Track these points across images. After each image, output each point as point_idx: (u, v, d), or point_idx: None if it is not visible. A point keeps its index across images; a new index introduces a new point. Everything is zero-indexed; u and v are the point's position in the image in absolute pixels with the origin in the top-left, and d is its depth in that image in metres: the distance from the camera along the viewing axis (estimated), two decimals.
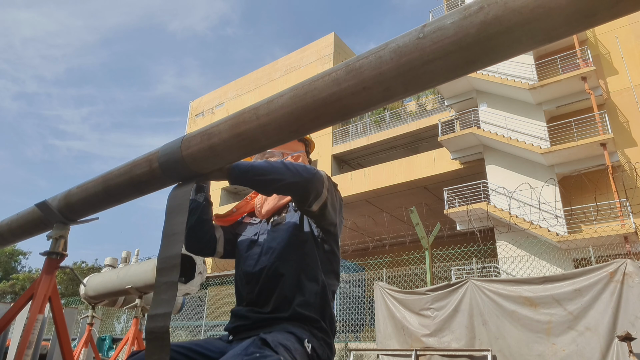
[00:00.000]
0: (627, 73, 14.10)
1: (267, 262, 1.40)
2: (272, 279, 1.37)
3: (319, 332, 1.35)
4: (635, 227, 11.40)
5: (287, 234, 1.45)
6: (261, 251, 1.45)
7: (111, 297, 4.74)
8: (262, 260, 1.42)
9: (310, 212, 1.41)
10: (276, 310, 1.33)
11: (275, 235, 1.46)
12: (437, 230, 7.22)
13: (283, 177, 1.29)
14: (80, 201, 1.50)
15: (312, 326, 1.34)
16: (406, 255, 10.77)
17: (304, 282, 1.37)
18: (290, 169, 1.31)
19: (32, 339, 1.60)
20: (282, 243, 1.43)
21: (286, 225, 1.48)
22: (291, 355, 1.12)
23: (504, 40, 0.74)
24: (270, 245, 1.44)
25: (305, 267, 1.40)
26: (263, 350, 1.08)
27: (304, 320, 1.33)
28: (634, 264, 4.57)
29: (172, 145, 1.22)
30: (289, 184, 1.30)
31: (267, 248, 1.44)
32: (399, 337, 5.84)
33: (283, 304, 1.34)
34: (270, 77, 24.75)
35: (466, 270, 12.00)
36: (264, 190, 1.36)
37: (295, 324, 1.30)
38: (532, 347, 4.81)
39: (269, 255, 1.41)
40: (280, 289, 1.35)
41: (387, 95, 0.89)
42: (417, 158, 17.56)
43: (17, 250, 33.31)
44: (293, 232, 1.45)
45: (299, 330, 1.28)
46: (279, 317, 1.32)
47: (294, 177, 1.30)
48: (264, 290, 1.37)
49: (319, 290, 1.38)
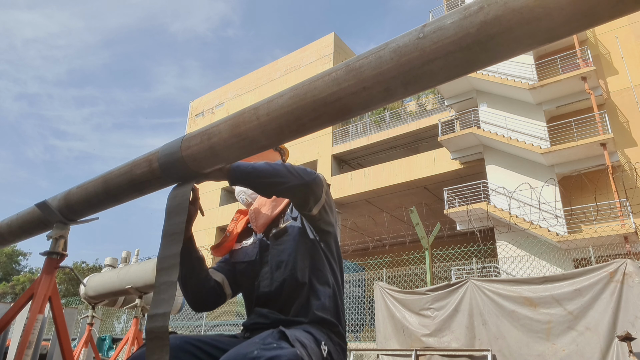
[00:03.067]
0: (627, 73, 14.10)
1: (284, 276, 1.37)
2: (294, 291, 1.36)
3: (336, 336, 1.35)
4: (635, 227, 11.40)
5: (294, 243, 1.42)
6: (271, 268, 1.41)
7: (111, 297, 4.74)
8: (277, 277, 1.38)
9: (310, 216, 1.40)
10: (296, 316, 1.34)
11: (282, 247, 1.43)
12: (437, 230, 7.23)
13: (286, 180, 1.28)
14: (80, 201, 1.50)
15: (329, 330, 1.35)
16: (406, 255, 10.77)
17: (317, 287, 1.38)
18: (292, 171, 1.31)
19: (32, 339, 1.60)
20: (292, 253, 1.40)
21: (290, 235, 1.44)
22: (307, 352, 1.12)
23: (504, 40, 0.74)
24: (280, 259, 1.41)
25: (317, 272, 1.40)
26: (280, 342, 1.07)
27: (322, 323, 1.34)
28: (634, 264, 4.57)
29: (172, 145, 1.22)
30: (291, 187, 1.29)
31: (278, 262, 1.40)
32: (399, 337, 5.84)
33: (303, 310, 1.34)
34: (270, 77, 24.75)
35: (466, 270, 12.00)
36: (264, 192, 1.35)
37: (314, 326, 1.31)
38: (532, 347, 4.81)
39: (282, 270, 1.38)
40: (300, 297, 1.36)
41: (387, 95, 0.89)
42: (417, 158, 17.57)
43: (17, 251, 33.31)
44: (300, 239, 1.43)
45: (317, 332, 1.28)
46: (299, 321, 1.32)
47: (297, 180, 1.29)
48: (288, 304, 1.37)
49: (331, 294, 1.39)
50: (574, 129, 13.58)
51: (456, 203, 15.03)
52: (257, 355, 0.99)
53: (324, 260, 1.43)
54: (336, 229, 1.52)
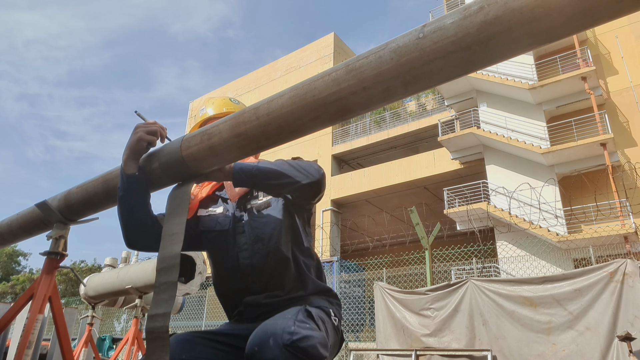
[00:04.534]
0: (627, 73, 14.10)
1: (268, 249, 1.34)
2: (279, 264, 1.34)
3: (335, 299, 1.41)
4: (635, 227, 11.40)
5: (278, 217, 1.39)
6: (251, 240, 1.37)
7: (111, 297, 4.75)
8: (258, 249, 1.35)
9: (309, 205, 1.45)
10: (292, 291, 1.34)
11: (264, 220, 1.39)
12: (437, 230, 7.22)
13: (295, 180, 1.27)
14: (80, 201, 1.50)
15: (330, 296, 1.40)
16: (406, 255, 10.77)
17: (302, 259, 1.40)
18: (299, 169, 1.29)
19: (32, 339, 1.60)
20: (276, 228, 1.37)
21: (274, 209, 1.41)
22: (326, 330, 1.18)
23: (504, 40, 0.74)
24: (262, 232, 1.36)
25: (299, 246, 1.41)
26: (309, 321, 1.10)
27: (321, 293, 1.38)
28: (634, 264, 4.57)
29: (172, 145, 1.22)
30: (303, 186, 1.28)
31: (259, 234, 1.36)
32: (399, 337, 5.84)
33: (296, 284, 1.35)
34: (270, 77, 24.74)
35: (466, 270, 12.00)
36: (271, 192, 1.36)
37: (318, 298, 1.35)
38: (532, 347, 4.81)
39: (266, 242, 1.35)
40: (289, 271, 1.35)
41: (387, 95, 0.89)
42: (417, 158, 17.57)
43: (17, 251, 33.31)
44: (284, 214, 1.41)
45: (324, 304, 1.33)
46: (298, 297, 1.33)
47: (307, 178, 1.29)
48: (274, 277, 1.34)
49: (315, 265, 1.44)
50: (574, 129, 13.58)
51: (456, 203, 15.03)
52: (295, 331, 1.01)
53: (303, 235, 1.45)
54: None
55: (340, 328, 1.34)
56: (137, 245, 1.37)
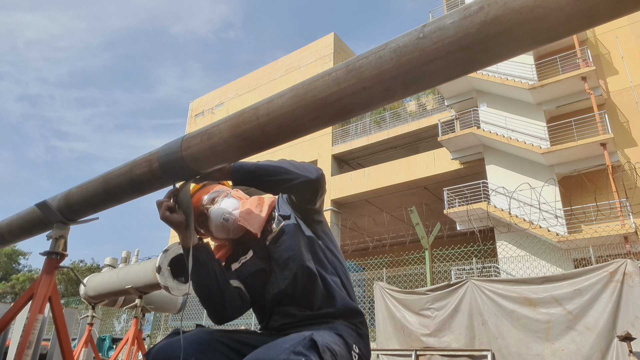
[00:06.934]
0: (627, 73, 14.10)
1: (294, 270, 1.33)
2: (307, 281, 1.33)
3: (363, 327, 1.34)
4: (635, 227, 11.40)
5: (294, 238, 1.38)
6: (279, 268, 1.35)
7: (111, 297, 4.74)
8: (286, 275, 1.33)
9: (312, 210, 1.41)
10: (322, 308, 1.31)
11: (284, 247, 1.37)
12: (437, 230, 7.22)
13: (294, 177, 1.27)
14: (80, 201, 1.50)
15: (357, 320, 1.33)
16: (406, 255, 10.76)
17: (327, 277, 1.35)
18: (298, 167, 1.30)
19: (32, 339, 1.60)
20: (296, 248, 1.36)
21: (288, 233, 1.39)
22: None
23: (504, 40, 0.74)
24: (285, 257, 1.35)
25: (321, 264, 1.38)
26: (310, 352, 1.03)
27: (349, 315, 1.32)
28: (634, 264, 4.57)
29: (172, 145, 1.22)
30: (301, 183, 1.28)
31: (285, 261, 1.35)
32: (399, 337, 5.84)
33: (326, 301, 1.32)
34: (270, 77, 24.73)
35: (466, 270, 11.99)
36: (271, 190, 1.35)
37: (343, 322, 1.30)
38: (531, 347, 4.81)
39: (290, 266, 1.34)
40: (318, 287, 1.32)
41: (387, 95, 0.89)
42: (417, 158, 17.56)
43: (17, 251, 33.29)
44: (299, 234, 1.39)
45: (347, 332, 1.26)
46: (327, 314, 1.30)
47: (305, 176, 1.29)
48: (304, 295, 1.33)
49: (340, 283, 1.38)
50: (574, 129, 13.58)
51: (456, 203, 15.02)
52: None
53: (325, 251, 1.42)
54: (322, 216, 1.51)
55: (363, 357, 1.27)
56: (228, 318, 1.35)
